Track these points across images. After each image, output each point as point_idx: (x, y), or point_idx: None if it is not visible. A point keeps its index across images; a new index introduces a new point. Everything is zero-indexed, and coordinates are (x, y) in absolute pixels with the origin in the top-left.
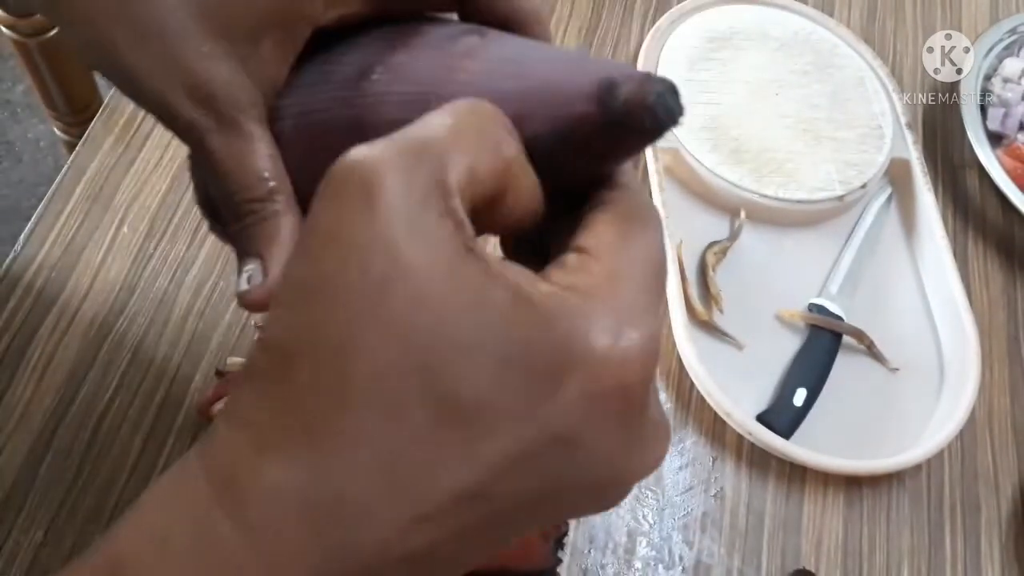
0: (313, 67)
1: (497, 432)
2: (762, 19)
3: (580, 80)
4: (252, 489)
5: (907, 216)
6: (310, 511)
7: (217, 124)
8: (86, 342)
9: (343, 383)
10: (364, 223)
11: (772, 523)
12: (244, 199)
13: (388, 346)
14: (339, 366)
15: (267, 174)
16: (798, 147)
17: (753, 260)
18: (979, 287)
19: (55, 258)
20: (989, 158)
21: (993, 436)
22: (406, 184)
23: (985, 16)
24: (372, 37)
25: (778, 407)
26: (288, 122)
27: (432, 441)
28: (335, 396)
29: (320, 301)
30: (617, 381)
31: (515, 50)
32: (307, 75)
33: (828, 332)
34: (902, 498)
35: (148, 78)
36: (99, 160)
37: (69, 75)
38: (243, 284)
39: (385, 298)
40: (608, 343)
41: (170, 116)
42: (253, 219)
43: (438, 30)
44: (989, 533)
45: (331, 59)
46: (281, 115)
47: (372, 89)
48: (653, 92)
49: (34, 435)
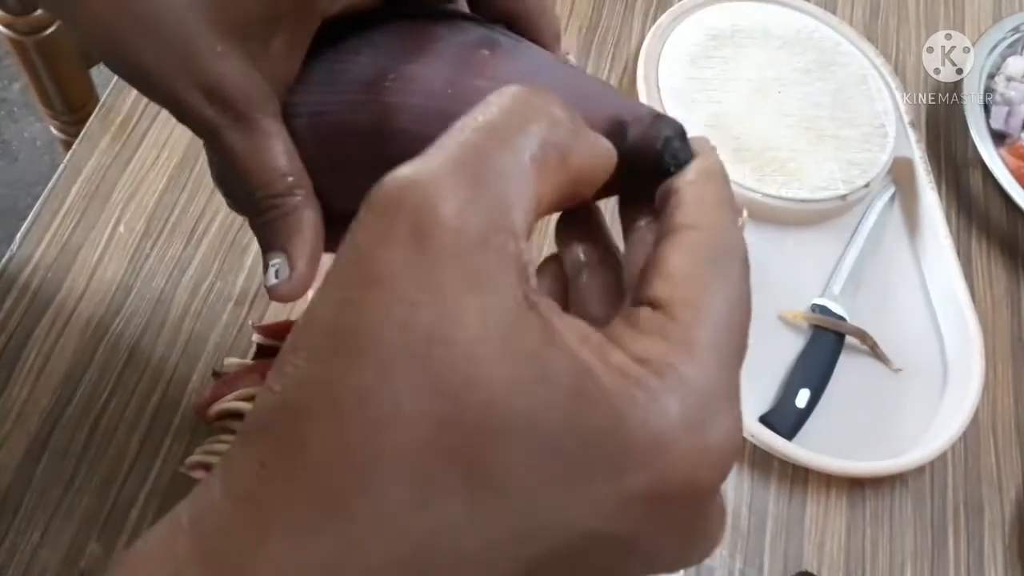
0: (323, 64)
1: (540, 534)
2: (764, 17)
3: (590, 117)
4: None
5: (910, 215)
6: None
7: (234, 122)
8: (82, 343)
9: (368, 457)
10: (414, 268)
11: (774, 525)
12: (265, 195)
13: (427, 420)
14: (365, 436)
15: (286, 169)
16: (801, 146)
17: (755, 260)
18: (983, 287)
19: (51, 258)
20: (992, 157)
21: (997, 437)
22: (464, 218)
23: (988, 14)
24: (382, 34)
25: (781, 408)
26: (302, 120)
27: (464, 536)
28: (357, 472)
29: (351, 355)
30: (689, 481)
31: (528, 67)
32: (318, 72)
33: (831, 333)
34: (905, 500)
35: (162, 77)
36: (95, 159)
37: (65, 73)
38: (271, 279)
39: (430, 362)
40: (685, 440)
41: (186, 114)
42: (275, 214)
43: (448, 35)
44: (992, 535)
45: (341, 57)
46: (294, 112)
47: (386, 98)
48: (661, 137)
49: (31, 436)
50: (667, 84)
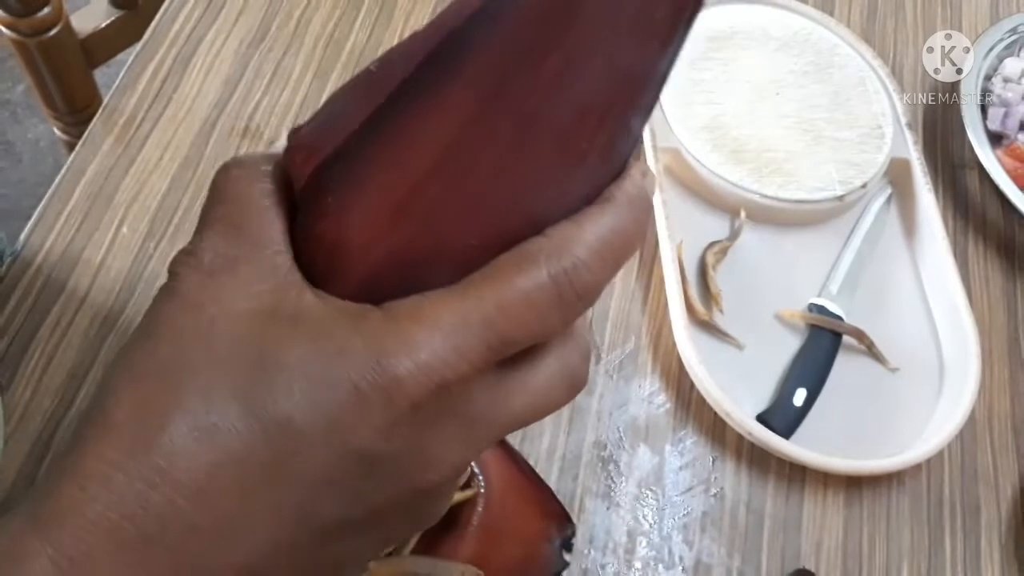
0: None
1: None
2: (763, 19)
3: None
4: (69, 519)
5: (907, 216)
6: (122, 538)
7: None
8: (86, 343)
9: (164, 402)
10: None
11: (772, 523)
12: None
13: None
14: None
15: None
16: (798, 147)
17: (753, 260)
18: (979, 287)
19: (55, 259)
20: (989, 158)
21: (993, 436)
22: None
23: (985, 16)
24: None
25: (778, 407)
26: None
27: (246, 466)
28: (153, 415)
29: (148, 336)
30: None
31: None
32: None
33: (828, 332)
34: (902, 498)
35: None
36: (99, 160)
37: (68, 75)
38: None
39: (213, 330)
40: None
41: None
42: None
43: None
44: (989, 533)
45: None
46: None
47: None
48: None
49: (33, 436)
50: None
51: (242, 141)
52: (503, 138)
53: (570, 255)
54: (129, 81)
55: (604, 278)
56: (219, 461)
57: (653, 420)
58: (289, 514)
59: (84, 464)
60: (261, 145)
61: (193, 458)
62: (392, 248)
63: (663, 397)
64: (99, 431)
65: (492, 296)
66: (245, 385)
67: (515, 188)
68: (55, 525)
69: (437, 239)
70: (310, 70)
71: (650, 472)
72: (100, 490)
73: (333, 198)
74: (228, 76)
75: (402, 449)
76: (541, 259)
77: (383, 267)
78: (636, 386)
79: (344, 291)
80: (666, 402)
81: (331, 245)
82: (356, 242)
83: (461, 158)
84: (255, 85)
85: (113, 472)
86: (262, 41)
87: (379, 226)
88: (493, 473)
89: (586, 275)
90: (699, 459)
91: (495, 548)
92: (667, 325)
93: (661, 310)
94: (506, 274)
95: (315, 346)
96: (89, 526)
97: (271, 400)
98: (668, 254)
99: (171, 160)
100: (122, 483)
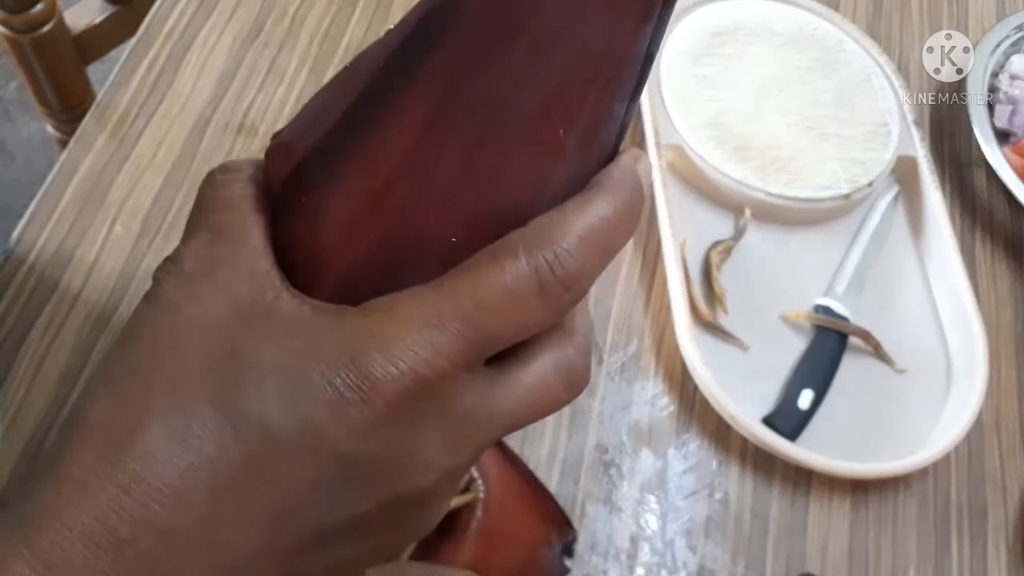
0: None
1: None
2: (767, 14)
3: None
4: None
5: (914, 215)
6: (98, 539)
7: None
8: (79, 343)
9: (137, 407)
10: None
11: (777, 527)
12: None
13: (184, 367)
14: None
15: None
16: (803, 144)
17: (758, 259)
18: (987, 287)
19: (47, 257)
20: (996, 156)
21: (1001, 439)
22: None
23: (992, 12)
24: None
25: (783, 409)
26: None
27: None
28: (129, 416)
29: (129, 339)
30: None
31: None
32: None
33: (834, 333)
34: (909, 502)
35: None
36: (92, 158)
37: (62, 72)
38: None
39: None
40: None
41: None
42: None
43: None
44: (996, 537)
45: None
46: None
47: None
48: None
49: (26, 437)
50: (668, 82)
51: (236, 138)
52: (471, 129)
53: (551, 243)
54: (123, 78)
55: (592, 266)
56: (192, 464)
57: (656, 423)
58: (267, 518)
59: (61, 468)
60: (256, 142)
61: (167, 461)
62: (369, 246)
63: (666, 399)
64: (76, 435)
65: (467, 288)
66: (218, 385)
67: (490, 180)
68: (32, 529)
69: (414, 235)
70: (305, 66)
71: (653, 476)
72: (75, 494)
73: (308, 198)
74: (222, 73)
75: (382, 450)
76: (520, 248)
77: (361, 266)
78: (639, 388)
79: (324, 292)
80: (669, 404)
81: (309, 245)
82: (332, 241)
83: (429, 151)
84: (250, 82)
85: (88, 476)
86: (257, 37)
87: (354, 223)
88: (492, 477)
89: (570, 263)
90: (703, 462)
91: (495, 554)
92: (670, 326)
93: (664, 311)
94: (482, 265)
95: (288, 344)
96: (64, 531)
97: (242, 400)
98: (671, 254)
99: (165, 157)
100: (96, 487)
